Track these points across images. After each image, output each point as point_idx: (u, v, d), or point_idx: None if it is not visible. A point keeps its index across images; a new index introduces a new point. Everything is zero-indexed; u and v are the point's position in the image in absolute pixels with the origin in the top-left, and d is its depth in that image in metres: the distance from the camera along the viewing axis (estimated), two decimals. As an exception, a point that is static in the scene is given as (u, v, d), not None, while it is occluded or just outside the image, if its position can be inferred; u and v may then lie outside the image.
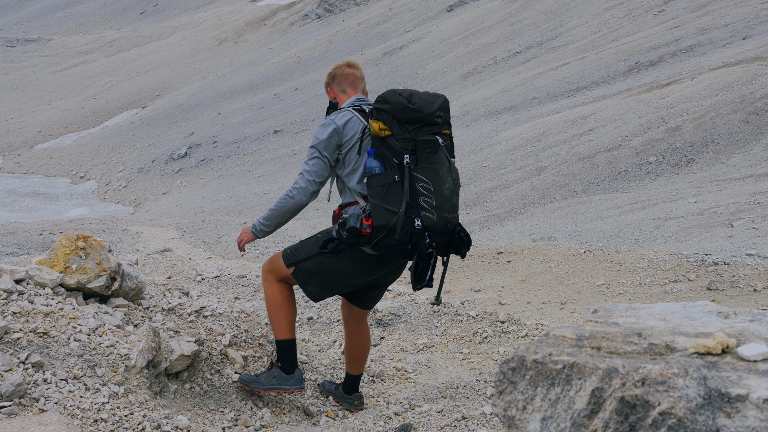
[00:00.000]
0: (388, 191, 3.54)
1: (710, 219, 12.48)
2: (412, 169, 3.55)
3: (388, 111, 3.58)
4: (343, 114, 3.75)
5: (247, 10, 58.59)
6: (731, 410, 1.60)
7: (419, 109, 3.58)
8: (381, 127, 3.58)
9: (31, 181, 35.48)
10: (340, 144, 3.71)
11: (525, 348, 1.92)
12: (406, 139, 3.56)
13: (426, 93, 3.73)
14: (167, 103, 42.88)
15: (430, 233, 3.60)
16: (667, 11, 30.48)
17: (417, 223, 3.53)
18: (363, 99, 3.90)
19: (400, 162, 3.55)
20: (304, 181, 3.70)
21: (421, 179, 3.54)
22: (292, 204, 3.74)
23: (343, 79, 3.93)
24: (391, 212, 3.52)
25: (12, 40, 63.91)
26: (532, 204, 18.16)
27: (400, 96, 3.59)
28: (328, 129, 3.70)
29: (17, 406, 3.21)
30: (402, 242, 3.55)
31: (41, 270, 4.01)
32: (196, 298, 5.14)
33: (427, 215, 3.55)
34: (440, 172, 3.60)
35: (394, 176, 3.55)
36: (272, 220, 3.80)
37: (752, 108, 18.71)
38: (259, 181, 28.49)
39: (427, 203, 3.55)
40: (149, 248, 15.16)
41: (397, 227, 3.52)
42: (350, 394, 4.42)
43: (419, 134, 3.58)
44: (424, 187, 3.54)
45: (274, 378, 4.01)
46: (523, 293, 8.43)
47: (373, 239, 3.60)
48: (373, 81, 36.36)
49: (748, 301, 7.01)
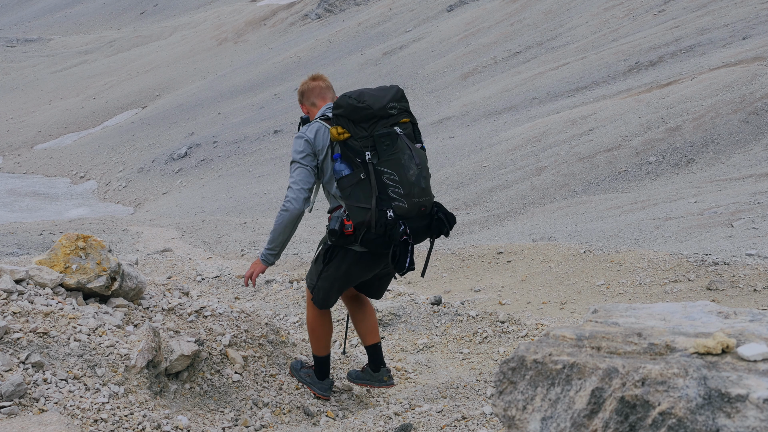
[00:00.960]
0: (357, 189, 3.70)
1: (710, 219, 12.48)
2: (375, 165, 3.70)
3: (342, 115, 3.74)
4: (312, 126, 3.91)
5: (247, 10, 58.58)
6: (731, 410, 1.60)
7: (369, 106, 3.70)
8: (339, 131, 3.73)
9: (31, 181, 35.48)
10: (315, 153, 3.87)
11: (525, 348, 1.92)
12: (364, 137, 3.70)
13: (378, 88, 3.85)
14: (167, 103, 42.88)
15: (405, 221, 3.75)
16: (667, 11, 30.48)
17: (389, 213, 3.68)
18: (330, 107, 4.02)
19: (363, 160, 3.70)
20: (293, 191, 3.83)
21: (385, 172, 3.70)
22: (289, 216, 3.86)
23: (311, 93, 4.11)
24: (365, 209, 3.68)
25: (12, 40, 63.90)
26: (532, 204, 18.16)
27: (350, 98, 3.74)
28: (300, 141, 3.87)
29: (17, 406, 3.21)
30: (379, 235, 3.72)
31: (41, 270, 4.01)
32: (196, 298, 5.14)
33: (398, 204, 3.71)
34: (402, 160, 3.72)
35: (360, 174, 3.70)
36: (276, 241, 3.94)
37: (752, 108, 18.70)
38: (259, 181, 28.49)
39: (396, 193, 3.70)
40: (149, 248, 15.16)
41: (372, 222, 3.67)
42: (378, 370, 4.50)
43: (376, 129, 3.71)
44: (390, 179, 3.69)
45: (309, 377, 4.45)
46: (523, 293, 8.43)
47: (358, 237, 3.75)
48: (373, 81, 36.34)
49: (748, 301, 7.01)
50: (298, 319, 6.50)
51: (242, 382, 4.26)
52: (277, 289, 7.53)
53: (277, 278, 8.03)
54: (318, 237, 17.58)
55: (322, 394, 4.44)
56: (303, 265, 12.41)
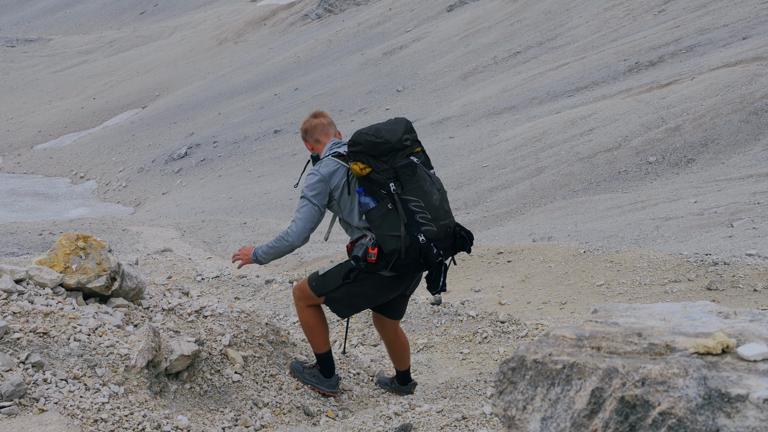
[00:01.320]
0: (386, 219, 3.91)
1: (710, 219, 12.48)
2: (400, 194, 3.92)
3: (362, 151, 3.94)
4: (326, 163, 4.09)
5: (247, 10, 58.58)
6: (731, 410, 1.60)
7: (388, 140, 3.92)
8: (361, 167, 3.95)
9: (31, 181, 35.48)
10: (331, 191, 4.07)
11: (525, 348, 1.92)
12: (385, 170, 3.92)
13: (388, 122, 4.07)
14: (167, 103, 42.88)
15: (435, 243, 3.97)
16: (667, 11, 30.48)
17: (421, 238, 3.91)
18: (338, 143, 4.24)
19: (387, 191, 3.91)
20: (297, 227, 4.07)
21: (411, 200, 3.92)
22: (288, 246, 4.13)
23: (314, 131, 4.29)
24: (395, 237, 3.89)
25: (12, 40, 63.91)
26: (532, 204, 18.16)
27: (367, 135, 3.94)
28: (315, 179, 4.05)
29: (17, 406, 3.21)
30: (414, 259, 3.95)
31: (41, 270, 4.01)
32: (196, 298, 5.14)
33: (427, 229, 3.93)
34: (425, 187, 3.96)
35: (387, 205, 3.92)
36: (270, 256, 4.21)
37: (752, 108, 18.71)
38: (259, 181, 28.49)
39: (423, 218, 3.92)
40: (149, 248, 15.16)
41: (403, 248, 3.89)
42: (405, 384, 4.81)
43: (396, 161, 3.94)
44: (416, 206, 3.92)
45: (314, 377, 4.52)
46: (523, 293, 8.44)
47: (389, 263, 3.98)
48: (373, 81, 36.34)
49: (748, 301, 7.01)
50: (297, 319, 6.50)
51: (242, 382, 4.26)
52: (277, 289, 7.53)
53: (277, 278, 8.03)
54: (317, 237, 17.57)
55: (331, 392, 4.52)
56: (303, 265, 12.42)
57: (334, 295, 4.25)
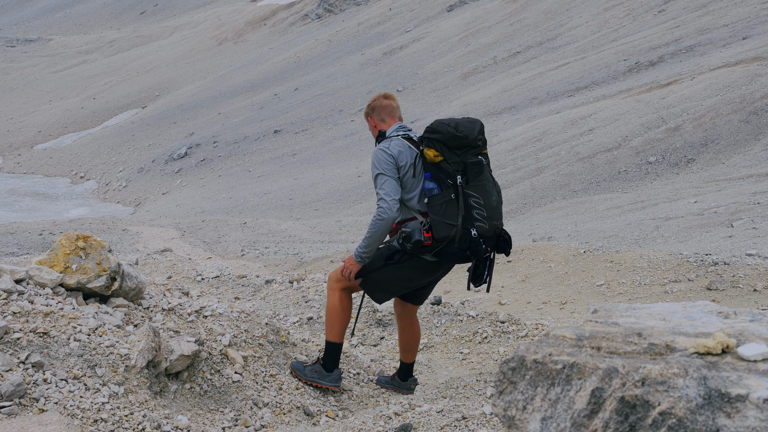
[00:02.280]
0: (447, 208, 4.11)
1: (710, 219, 12.48)
2: (464, 187, 4.13)
3: (439, 140, 4.14)
4: (395, 143, 4.26)
5: (247, 10, 58.59)
6: (731, 410, 1.60)
7: (466, 136, 4.13)
8: (435, 154, 4.14)
9: (31, 181, 35.48)
10: (398, 167, 4.23)
11: (525, 348, 1.92)
12: (456, 162, 4.13)
13: (466, 119, 4.24)
14: (167, 103, 42.88)
15: (484, 239, 4.18)
16: (667, 11, 30.48)
17: (473, 232, 4.12)
18: (404, 126, 4.41)
19: (453, 182, 4.12)
20: (386, 202, 4.17)
21: (472, 195, 4.13)
22: (385, 224, 4.19)
23: (382, 110, 4.45)
24: (451, 225, 4.09)
25: (12, 40, 63.90)
26: (532, 204, 18.16)
27: (448, 126, 4.14)
28: (385, 154, 4.22)
29: (17, 406, 3.21)
30: (462, 249, 4.14)
31: (41, 270, 4.01)
32: (196, 298, 5.14)
33: (480, 225, 4.14)
34: (487, 187, 4.18)
35: (450, 195, 4.12)
36: (371, 246, 4.28)
37: (752, 108, 18.71)
38: (259, 181, 28.49)
39: (480, 215, 4.14)
40: (149, 248, 15.16)
41: (456, 237, 4.10)
42: (406, 380, 4.87)
43: (467, 157, 4.15)
44: (476, 202, 4.13)
45: (316, 373, 4.55)
46: (523, 293, 8.44)
47: (435, 248, 4.16)
48: (373, 81, 36.34)
49: (748, 301, 7.01)
50: (297, 319, 6.50)
51: (242, 382, 4.25)
52: (277, 289, 7.53)
53: (277, 278, 8.03)
54: (317, 237, 17.57)
55: (334, 386, 4.56)
56: (303, 264, 12.41)
57: (375, 275, 4.36)
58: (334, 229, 18.64)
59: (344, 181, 25.02)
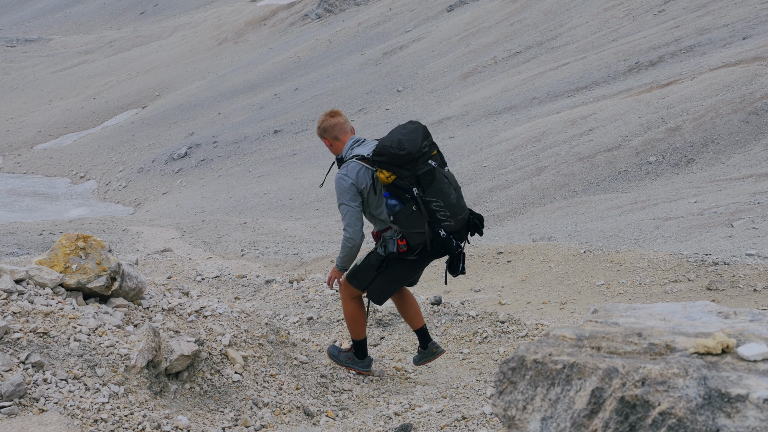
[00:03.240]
0: (411, 219, 4.44)
1: (710, 219, 12.48)
2: (422, 197, 4.42)
3: (386, 162, 4.39)
4: (351, 167, 4.53)
5: (247, 10, 58.58)
6: (731, 410, 1.60)
7: (409, 152, 4.35)
8: (386, 175, 4.42)
9: (31, 181, 35.47)
10: (360, 191, 4.53)
11: (525, 348, 1.92)
12: (409, 176, 4.39)
13: (408, 131, 4.44)
14: (167, 103, 42.87)
15: (454, 235, 4.56)
16: (667, 11, 30.48)
17: (442, 233, 4.48)
18: (357, 140, 4.68)
19: (411, 195, 4.41)
20: (349, 233, 4.54)
21: (432, 200, 4.43)
22: (353, 248, 4.61)
23: (333, 129, 4.70)
24: (420, 233, 4.46)
25: (12, 40, 63.87)
26: (532, 204, 18.16)
27: (391, 148, 4.36)
28: (346, 183, 4.50)
29: (17, 406, 3.21)
30: (435, 250, 4.54)
31: (41, 270, 4.01)
32: (196, 298, 5.14)
33: (447, 224, 4.49)
34: (443, 189, 4.45)
35: (412, 207, 4.43)
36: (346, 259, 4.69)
37: (752, 108, 18.71)
38: (259, 181, 28.49)
39: (444, 216, 4.47)
40: (149, 248, 15.16)
41: (428, 241, 4.47)
42: (426, 347, 5.13)
43: (417, 169, 4.39)
44: (437, 205, 4.44)
45: (350, 359, 5.10)
46: (523, 293, 8.44)
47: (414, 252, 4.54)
48: (373, 81, 36.33)
49: (748, 301, 7.01)
50: (297, 319, 6.50)
51: (242, 382, 4.25)
52: (277, 289, 7.53)
53: (277, 278, 8.03)
54: (317, 237, 17.58)
55: (365, 371, 5.07)
56: (303, 264, 12.41)
57: (373, 286, 4.79)
58: (334, 229, 18.64)
59: (344, 181, 24.98)
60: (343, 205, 4.52)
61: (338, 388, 4.85)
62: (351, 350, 5.14)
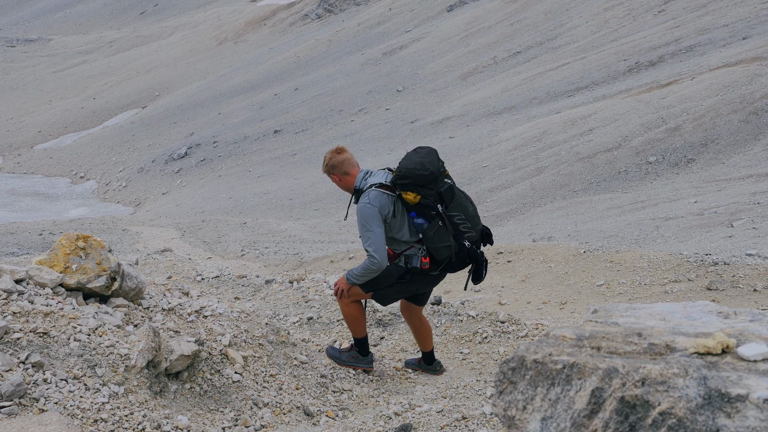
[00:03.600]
0: (438, 234, 4.74)
1: (710, 219, 12.48)
2: (445, 212, 4.74)
3: (412, 183, 4.69)
4: (375, 195, 4.75)
5: (247, 10, 58.57)
6: (731, 410, 1.60)
7: (432, 172, 4.68)
8: (413, 196, 4.71)
9: (31, 181, 35.47)
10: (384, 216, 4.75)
11: (525, 348, 1.92)
12: (432, 194, 4.71)
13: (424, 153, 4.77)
14: (167, 103, 42.87)
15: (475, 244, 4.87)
16: (667, 11, 30.48)
17: (466, 244, 4.80)
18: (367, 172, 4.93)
19: (436, 211, 4.72)
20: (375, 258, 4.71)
21: (454, 215, 4.78)
22: (375, 271, 4.77)
23: (342, 165, 4.89)
24: (447, 246, 4.75)
25: (12, 40, 63.87)
26: (532, 204, 18.16)
27: (416, 170, 4.67)
28: (371, 211, 4.72)
29: (17, 406, 3.21)
30: (461, 261, 4.85)
31: (41, 270, 4.01)
32: (196, 298, 5.14)
33: (469, 236, 4.83)
34: (462, 203, 4.82)
35: (438, 223, 4.73)
36: (362, 278, 4.85)
37: (752, 108, 18.71)
38: (259, 181, 28.49)
39: (466, 228, 4.81)
40: (149, 248, 15.16)
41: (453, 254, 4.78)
42: (431, 364, 5.42)
43: (438, 187, 4.73)
44: (459, 218, 4.78)
45: (353, 358, 5.22)
46: (523, 293, 8.44)
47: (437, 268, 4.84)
48: (373, 81, 36.33)
49: (748, 301, 7.01)
50: (297, 319, 6.50)
51: (242, 382, 4.25)
52: (277, 289, 7.53)
53: (277, 278, 8.03)
54: (317, 237, 17.58)
55: (369, 367, 5.22)
56: (303, 265, 12.42)
57: (385, 291, 4.97)
58: (334, 229, 18.65)
59: (344, 181, 24.98)
60: (369, 232, 4.71)
61: (338, 388, 4.85)
62: (353, 349, 5.25)
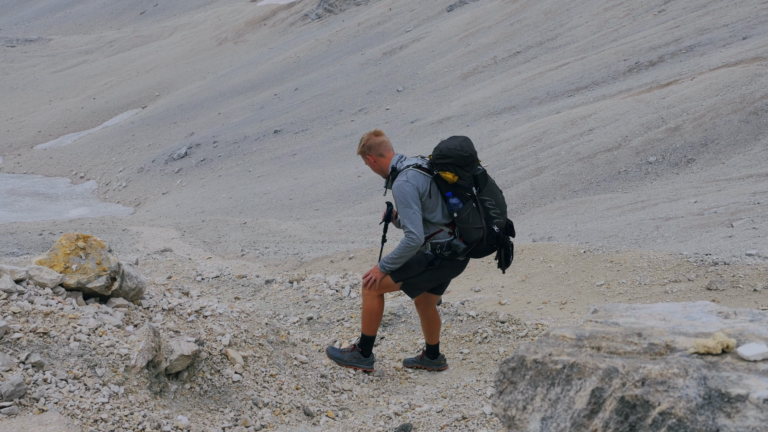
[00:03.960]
0: (472, 215, 4.86)
1: (710, 219, 12.48)
2: (479, 196, 4.88)
3: (452, 163, 4.83)
4: (413, 174, 4.88)
5: (247, 10, 58.57)
6: (731, 410, 1.60)
7: (471, 155, 4.86)
8: (452, 176, 4.84)
9: (31, 181, 35.47)
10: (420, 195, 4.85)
11: (525, 348, 1.92)
12: (468, 177, 4.87)
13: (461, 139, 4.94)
14: (167, 103, 42.87)
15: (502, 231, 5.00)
16: (667, 11, 30.48)
17: (495, 229, 4.92)
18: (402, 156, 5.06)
19: (471, 194, 4.86)
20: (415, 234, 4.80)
21: (486, 199, 4.92)
22: (414, 249, 4.87)
23: (379, 147, 5.06)
24: (479, 228, 4.87)
25: (12, 40, 63.87)
26: (532, 204, 18.16)
27: (456, 149, 4.83)
28: (410, 188, 4.83)
29: (17, 406, 3.21)
30: (490, 245, 4.94)
31: (41, 270, 4.01)
32: (196, 298, 5.14)
33: (498, 221, 4.95)
34: (494, 189, 4.99)
35: (472, 204, 4.86)
36: (400, 261, 4.93)
37: (752, 108, 18.71)
38: (259, 181, 28.49)
39: (495, 213, 4.94)
40: (149, 248, 15.16)
41: (484, 236, 4.88)
42: (435, 358, 5.45)
43: (473, 170, 4.89)
44: (490, 204, 4.92)
45: (355, 358, 5.23)
46: (523, 293, 8.44)
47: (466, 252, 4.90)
48: (373, 81, 36.33)
49: (748, 301, 7.01)
50: (297, 319, 6.50)
51: (242, 382, 4.25)
52: (277, 289, 7.53)
53: (277, 278, 8.02)
54: (317, 237, 17.58)
55: (369, 368, 5.23)
56: (303, 265, 12.41)
57: (414, 280, 5.02)
58: (334, 229, 18.64)
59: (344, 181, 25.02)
60: (407, 209, 4.81)
61: (338, 388, 4.85)
62: (355, 349, 5.25)
